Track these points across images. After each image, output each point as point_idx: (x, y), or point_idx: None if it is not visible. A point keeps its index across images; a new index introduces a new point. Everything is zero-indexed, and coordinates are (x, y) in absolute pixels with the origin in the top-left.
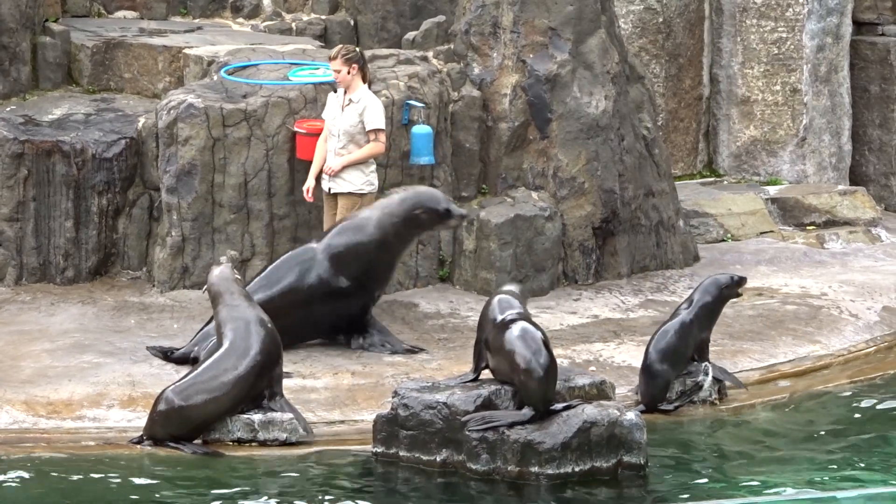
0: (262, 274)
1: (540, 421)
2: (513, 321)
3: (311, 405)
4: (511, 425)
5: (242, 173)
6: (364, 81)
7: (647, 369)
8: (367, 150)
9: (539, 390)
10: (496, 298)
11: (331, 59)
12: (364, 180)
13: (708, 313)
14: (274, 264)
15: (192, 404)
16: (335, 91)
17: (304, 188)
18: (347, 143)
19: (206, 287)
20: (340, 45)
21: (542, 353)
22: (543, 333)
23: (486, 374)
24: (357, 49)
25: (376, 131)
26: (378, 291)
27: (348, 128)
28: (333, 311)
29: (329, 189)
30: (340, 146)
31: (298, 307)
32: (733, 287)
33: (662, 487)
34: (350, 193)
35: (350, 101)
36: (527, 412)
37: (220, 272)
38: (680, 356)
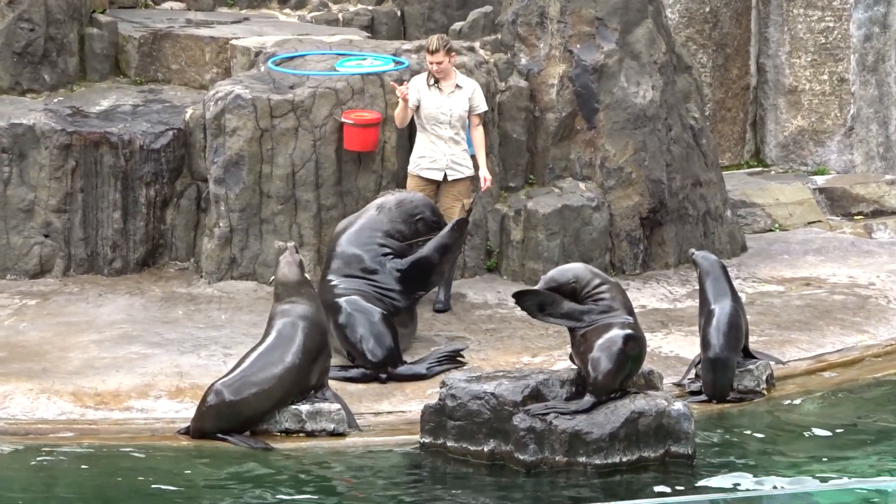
0: None
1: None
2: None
3: (358, 396)
4: (573, 414)
5: (290, 164)
6: None
7: (717, 361)
8: (483, 138)
9: (604, 380)
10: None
11: (431, 52)
12: (471, 162)
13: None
14: None
15: (243, 398)
16: (402, 81)
17: (400, 91)
18: (460, 128)
19: (272, 279)
20: (437, 37)
21: (616, 344)
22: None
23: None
24: (446, 35)
25: (484, 114)
26: None
27: (462, 113)
28: None
29: (446, 177)
30: (454, 132)
31: None
32: None
33: (710, 477)
34: (467, 177)
35: (457, 86)
36: (588, 400)
37: (288, 267)
38: (740, 343)
